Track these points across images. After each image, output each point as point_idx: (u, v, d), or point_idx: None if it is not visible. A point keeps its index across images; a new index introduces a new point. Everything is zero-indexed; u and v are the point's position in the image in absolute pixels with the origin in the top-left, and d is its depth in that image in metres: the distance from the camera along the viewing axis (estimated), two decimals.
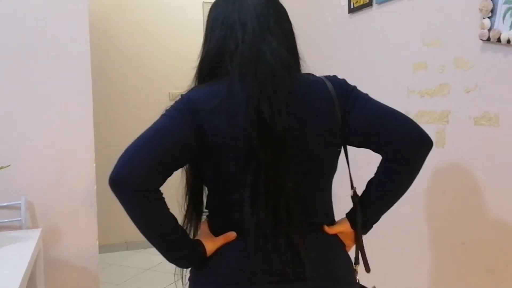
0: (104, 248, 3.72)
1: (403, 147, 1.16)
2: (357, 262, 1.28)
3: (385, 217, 2.09)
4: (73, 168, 2.46)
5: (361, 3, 2.18)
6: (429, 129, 1.79)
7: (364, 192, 1.25)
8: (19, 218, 2.33)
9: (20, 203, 2.34)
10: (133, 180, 1.06)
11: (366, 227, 1.29)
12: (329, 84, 1.17)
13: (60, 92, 2.43)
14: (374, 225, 1.37)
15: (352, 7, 2.26)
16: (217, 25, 1.17)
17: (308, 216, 1.15)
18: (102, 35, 4.15)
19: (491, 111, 1.55)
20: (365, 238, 2.28)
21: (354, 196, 1.24)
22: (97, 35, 3.83)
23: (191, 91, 1.16)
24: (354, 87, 1.21)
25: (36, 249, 1.98)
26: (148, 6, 4.38)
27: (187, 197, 1.23)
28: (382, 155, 1.20)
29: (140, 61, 4.37)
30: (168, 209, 1.10)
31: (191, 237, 1.20)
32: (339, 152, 1.21)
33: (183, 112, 1.11)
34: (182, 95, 1.15)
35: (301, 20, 2.81)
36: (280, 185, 1.07)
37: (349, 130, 1.15)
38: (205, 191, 1.23)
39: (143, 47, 4.37)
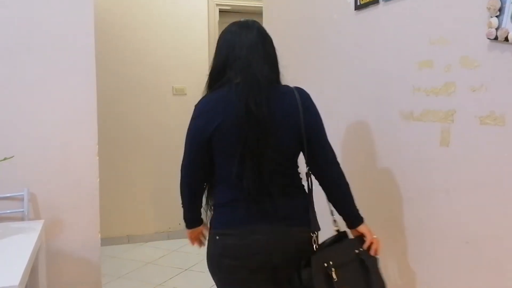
0: (106, 241, 3.73)
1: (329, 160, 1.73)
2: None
3: (388, 216, 2.10)
4: (76, 161, 2.47)
5: (368, 0, 2.17)
6: (434, 128, 1.80)
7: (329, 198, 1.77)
8: (22, 209, 2.34)
9: (22, 194, 2.34)
10: (184, 174, 1.76)
11: (356, 219, 1.76)
12: (297, 94, 1.71)
13: (64, 84, 2.43)
14: (378, 223, 1.81)
15: (358, 4, 2.25)
16: (224, 46, 1.73)
17: (281, 179, 1.68)
18: (107, 28, 4.15)
19: (496, 110, 1.54)
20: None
21: (307, 173, 1.73)
22: (102, 28, 3.83)
23: (200, 100, 1.73)
24: (313, 102, 1.75)
25: (39, 241, 1.99)
26: (153, 0, 4.38)
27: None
28: (315, 164, 1.72)
29: (144, 55, 4.37)
30: (200, 194, 1.80)
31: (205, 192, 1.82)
32: (300, 142, 1.69)
33: (197, 121, 1.69)
34: (195, 106, 1.73)
35: (307, 17, 2.81)
36: (261, 157, 1.62)
37: (303, 129, 1.67)
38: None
39: (148, 41, 4.37)
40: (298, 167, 1.76)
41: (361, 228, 1.73)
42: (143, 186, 4.37)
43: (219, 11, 4.59)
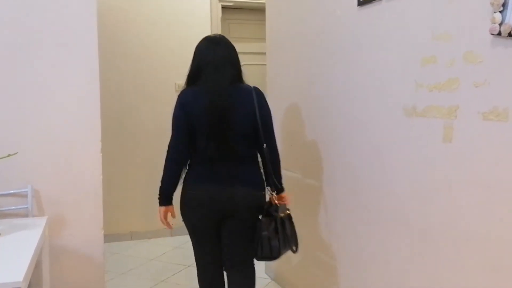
0: (109, 237, 3.73)
1: (270, 142, 2.34)
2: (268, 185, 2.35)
3: (390, 211, 2.10)
4: (80, 157, 2.47)
5: None
6: (437, 124, 1.80)
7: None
8: (26, 206, 2.35)
9: (26, 191, 2.35)
10: (172, 151, 2.30)
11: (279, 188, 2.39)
12: (254, 92, 2.28)
13: (67, 81, 2.43)
14: (380, 220, 2.20)
15: (361, 0, 2.25)
16: (198, 56, 2.30)
17: (238, 153, 2.25)
18: (110, 25, 4.15)
19: (500, 106, 1.53)
20: (369, 231, 2.29)
21: (265, 150, 2.30)
22: (105, 25, 3.83)
23: (181, 92, 2.29)
24: (265, 99, 2.34)
25: (42, 237, 1.99)
26: None
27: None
28: (261, 144, 2.29)
29: (147, 51, 4.36)
30: (180, 171, 2.31)
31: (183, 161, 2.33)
32: (254, 127, 2.26)
33: (180, 108, 2.25)
34: (178, 96, 2.28)
35: (310, 13, 2.80)
36: (222, 135, 2.20)
37: (258, 118, 2.26)
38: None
39: (150, 37, 4.36)
40: (254, 146, 2.31)
41: (284, 194, 2.39)
42: (146, 182, 4.37)
43: (222, 8, 4.58)
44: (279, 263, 3.31)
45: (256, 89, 2.31)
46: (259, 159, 2.35)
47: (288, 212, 2.32)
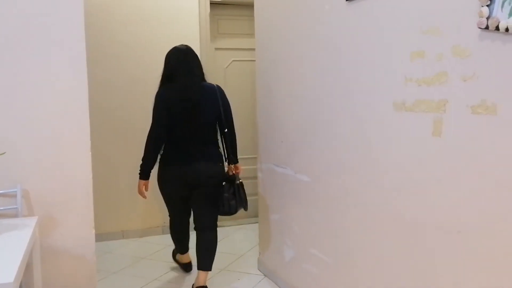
0: (100, 236, 3.72)
1: (230, 127, 3.11)
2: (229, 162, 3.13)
3: (380, 206, 2.11)
4: (69, 156, 2.45)
5: None
6: (426, 118, 1.81)
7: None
8: (15, 206, 2.32)
9: (15, 191, 2.33)
10: (152, 133, 3.00)
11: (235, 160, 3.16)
12: (217, 89, 3.04)
13: (55, 80, 2.40)
14: (370, 215, 2.21)
15: None
16: (171, 61, 3.03)
17: (204, 137, 3.00)
18: (97, 23, 4.11)
19: (488, 99, 1.55)
20: (361, 226, 2.30)
21: (222, 134, 3.09)
22: (92, 23, 3.79)
23: (160, 89, 3.01)
24: (225, 95, 3.09)
25: (33, 237, 1.98)
26: None
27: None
28: (223, 129, 3.06)
29: (135, 49, 4.33)
30: (158, 152, 3.05)
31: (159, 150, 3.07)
32: (217, 117, 3.03)
33: (161, 101, 2.96)
34: (157, 92, 2.99)
35: (298, 8, 2.80)
36: (192, 123, 2.94)
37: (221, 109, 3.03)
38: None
39: (138, 35, 4.33)
40: (217, 131, 3.08)
41: (238, 165, 3.14)
42: (137, 181, 4.35)
43: (210, 3, 4.56)
44: (272, 259, 3.32)
45: (218, 87, 3.07)
46: (219, 141, 3.09)
47: (240, 180, 3.08)
